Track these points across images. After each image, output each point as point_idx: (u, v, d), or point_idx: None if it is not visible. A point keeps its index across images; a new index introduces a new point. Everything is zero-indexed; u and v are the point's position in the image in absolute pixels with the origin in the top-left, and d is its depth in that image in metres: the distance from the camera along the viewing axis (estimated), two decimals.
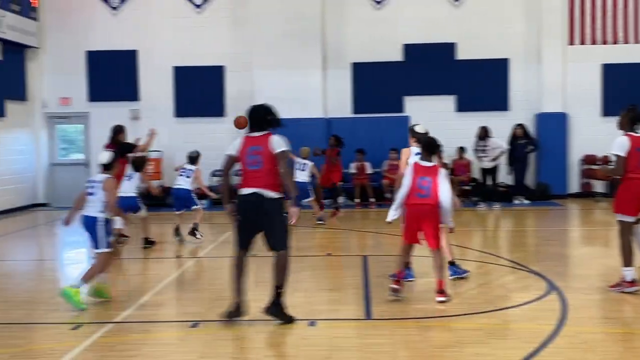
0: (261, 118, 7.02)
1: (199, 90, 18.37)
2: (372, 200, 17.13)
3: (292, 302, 7.64)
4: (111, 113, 18.51)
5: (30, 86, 18.23)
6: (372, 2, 18.40)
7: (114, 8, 18.56)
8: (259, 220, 6.68)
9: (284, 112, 18.26)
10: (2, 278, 9.44)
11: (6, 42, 16.65)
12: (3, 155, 16.82)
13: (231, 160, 6.91)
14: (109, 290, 7.83)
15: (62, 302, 7.73)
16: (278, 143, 6.87)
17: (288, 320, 6.72)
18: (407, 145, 18.10)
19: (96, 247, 7.65)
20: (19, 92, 17.72)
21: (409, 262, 8.21)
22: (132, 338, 6.53)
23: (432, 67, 18.17)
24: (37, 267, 10.78)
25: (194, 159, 12.19)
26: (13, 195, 17.21)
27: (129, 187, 10.78)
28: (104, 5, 18.55)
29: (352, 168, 17.44)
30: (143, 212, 11.13)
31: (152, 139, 12.31)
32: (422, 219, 7.52)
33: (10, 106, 17.14)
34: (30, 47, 17.87)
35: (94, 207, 7.61)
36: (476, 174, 17.57)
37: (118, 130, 11.88)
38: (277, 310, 6.72)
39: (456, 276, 8.55)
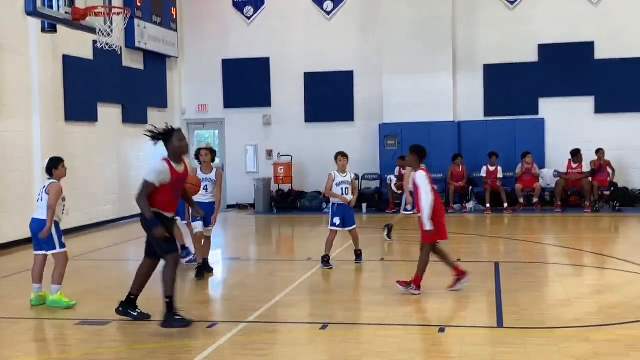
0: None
1: (328, 96, 18.61)
2: (506, 205, 16.64)
3: (422, 308, 7.61)
4: (244, 119, 19.20)
5: (170, 94, 19.15)
6: (506, 2, 17.94)
7: (248, 18, 19.16)
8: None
9: (413, 115, 18.53)
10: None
11: (148, 53, 17.57)
12: (147, 159, 17.73)
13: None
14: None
15: (199, 301, 8.07)
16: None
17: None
18: (542, 147, 17.33)
19: None
20: (160, 100, 18.65)
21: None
22: (264, 337, 6.69)
23: (569, 67, 17.48)
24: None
25: None
26: None
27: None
28: (239, 16, 19.20)
29: (483, 172, 17.05)
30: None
31: None
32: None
33: (152, 113, 18.06)
34: (170, 56, 18.76)
35: None
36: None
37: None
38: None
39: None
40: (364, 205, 17.40)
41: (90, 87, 15.23)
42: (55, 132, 14.00)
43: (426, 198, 7.93)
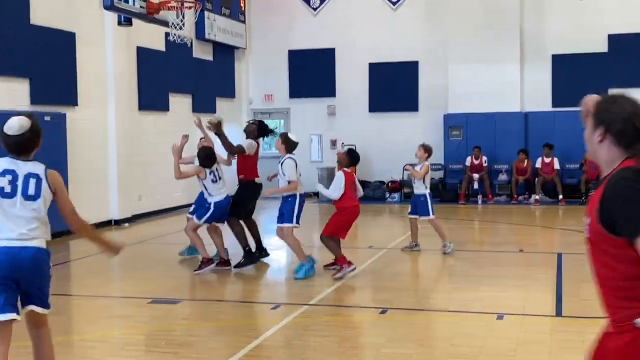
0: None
1: (392, 86, 18.70)
2: (560, 197, 16.45)
3: (482, 296, 7.73)
4: (309, 109, 19.48)
5: (237, 84, 19.60)
6: None
7: (315, 9, 19.41)
8: None
9: (478, 106, 18.45)
10: None
11: (217, 44, 18.02)
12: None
13: None
14: None
15: (264, 283, 8.40)
16: None
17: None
18: None
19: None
20: (228, 90, 19.11)
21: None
22: (325, 320, 6.94)
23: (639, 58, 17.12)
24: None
25: None
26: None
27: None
28: (305, 6, 19.46)
29: (538, 163, 16.86)
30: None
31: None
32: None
33: (220, 103, 18.54)
34: (238, 48, 19.19)
35: None
36: None
37: None
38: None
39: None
40: None
41: (162, 77, 15.75)
42: (129, 121, 14.56)
43: (332, 192, 8.68)
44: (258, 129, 9.73)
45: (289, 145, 8.85)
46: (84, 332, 6.71)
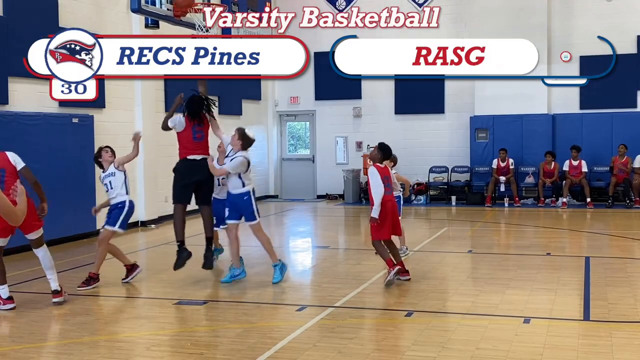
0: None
1: (418, 88, 18.60)
2: (588, 199, 16.23)
3: (509, 299, 7.66)
4: (335, 111, 19.48)
5: (263, 86, 19.65)
6: None
7: (340, 10, 19.39)
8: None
9: (505, 108, 18.33)
10: None
11: None
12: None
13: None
14: None
15: (289, 285, 8.42)
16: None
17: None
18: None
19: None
20: (254, 93, 19.17)
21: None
22: (350, 322, 6.93)
23: None
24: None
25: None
26: None
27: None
28: (330, 8, 19.45)
29: (566, 166, 16.67)
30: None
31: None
32: (395, 211, 8.39)
33: (246, 105, 18.61)
34: None
35: None
36: None
37: None
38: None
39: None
40: (454, 198, 17.41)
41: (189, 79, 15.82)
42: (156, 123, 14.62)
43: (376, 195, 8.08)
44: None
45: (246, 142, 8.51)
46: (110, 332, 6.76)
